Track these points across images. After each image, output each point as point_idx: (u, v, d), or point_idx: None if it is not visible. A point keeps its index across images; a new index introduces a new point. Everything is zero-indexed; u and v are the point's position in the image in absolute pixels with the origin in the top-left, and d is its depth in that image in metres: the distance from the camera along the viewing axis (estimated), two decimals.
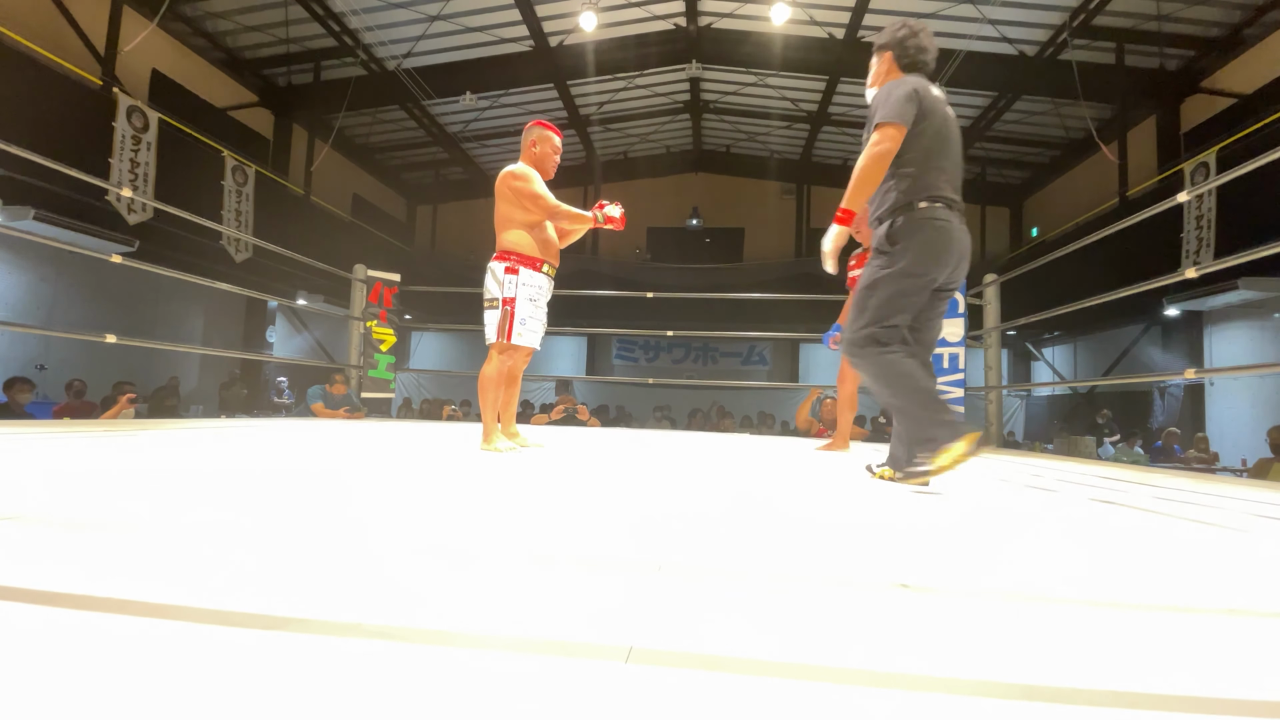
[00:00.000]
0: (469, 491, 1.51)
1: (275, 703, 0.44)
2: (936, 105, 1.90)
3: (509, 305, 2.69)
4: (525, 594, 0.70)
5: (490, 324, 2.72)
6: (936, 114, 1.89)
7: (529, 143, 2.86)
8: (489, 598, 0.68)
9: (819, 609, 0.69)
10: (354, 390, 5.46)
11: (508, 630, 0.59)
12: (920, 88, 1.87)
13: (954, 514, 1.44)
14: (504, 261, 2.72)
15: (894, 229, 1.86)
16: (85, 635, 0.53)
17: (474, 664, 0.51)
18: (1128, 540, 1.20)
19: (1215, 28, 8.18)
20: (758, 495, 1.63)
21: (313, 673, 0.48)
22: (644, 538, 1.03)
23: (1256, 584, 0.91)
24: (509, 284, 2.70)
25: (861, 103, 7.32)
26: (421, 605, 0.64)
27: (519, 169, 2.77)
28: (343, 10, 8.85)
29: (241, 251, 7.98)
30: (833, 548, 1.03)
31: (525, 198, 2.73)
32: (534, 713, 0.44)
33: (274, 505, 1.18)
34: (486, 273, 2.77)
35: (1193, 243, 7.13)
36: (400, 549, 0.88)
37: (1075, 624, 0.67)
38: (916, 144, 1.85)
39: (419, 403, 10.87)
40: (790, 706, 0.46)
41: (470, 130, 12.34)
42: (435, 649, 0.54)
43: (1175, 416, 8.78)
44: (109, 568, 0.73)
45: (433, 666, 0.50)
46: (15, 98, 5.70)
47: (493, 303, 2.72)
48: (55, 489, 1.26)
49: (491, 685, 0.48)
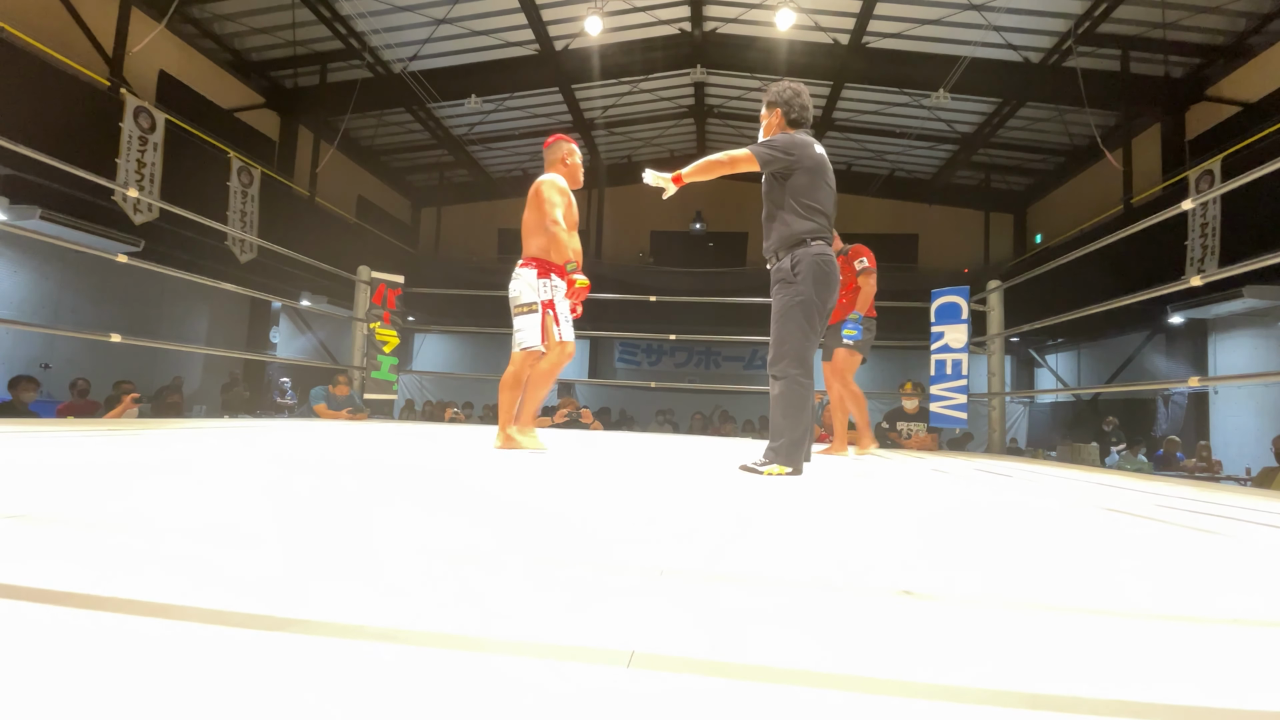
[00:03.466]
0: (482, 492, 1.51)
1: (275, 704, 0.44)
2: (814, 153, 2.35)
3: (549, 308, 2.77)
4: (525, 595, 0.70)
5: (529, 328, 2.75)
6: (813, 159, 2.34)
7: (561, 156, 2.95)
8: (491, 600, 0.68)
9: (822, 615, 0.69)
10: (357, 391, 5.47)
11: (509, 634, 0.58)
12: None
13: (956, 521, 1.43)
14: (534, 267, 2.78)
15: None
16: (89, 634, 0.53)
17: (475, 667, 0.51)
18: (1131, 548, 1.20)
19: (1220, 35, 8.17)
20: (759, 498, 1.63)
21: (314, 675, 0.48)
22: (646, 541, 1.03)
23: (1261, 593, 0.91)
24: (544, 287, 2.77)
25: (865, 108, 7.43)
26: (422, 608, 0.64)
27: (560, 182, 2.87)
28: (349, 13, 8.89)
29: (246, 252, 8.00)
30: (835, 553, 1.03)
31: (547, 205, 2.79)
32: (535, 717, 0.44)
33: (274, 506, 1.18)
34: (513, 279, 2.80)
35: (1197, 250, 7.11)
36: (399, 550, 0.88)
37: (1079, 632, 0.67)
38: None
39: (421, 404, 10.88)
40: (793, 712, 0.46)
41: (475, 133, 12.38)
42: (436, 652, 0.54)
43: (1179, 425, 8.74)
44: (113, 567, 0.73)
45: (433, 669, 0.50)
46: (23, 98, 5.74)
47: (529, 307, 2.75)
48: (60, 488, 1.26)
49: (492, 688, 0.47)
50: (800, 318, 2.24)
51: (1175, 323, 8.59)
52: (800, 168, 2.30)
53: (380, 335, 5.51)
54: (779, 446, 2.20)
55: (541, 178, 2.87)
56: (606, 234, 14.07)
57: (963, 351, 4.75)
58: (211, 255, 7.56)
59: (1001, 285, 4.78)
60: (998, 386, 4.76)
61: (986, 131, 10.94)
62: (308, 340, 11.82)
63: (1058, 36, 8.64)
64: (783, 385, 2.25)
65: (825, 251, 2.29)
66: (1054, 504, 1.83)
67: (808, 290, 2.24)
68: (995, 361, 4.79)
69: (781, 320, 2.28)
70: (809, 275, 2.25)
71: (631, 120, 12.58)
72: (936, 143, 11.83)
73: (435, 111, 11.39)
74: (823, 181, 2.35)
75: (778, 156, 2.29)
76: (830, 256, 2.30)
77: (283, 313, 11.30)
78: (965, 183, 13.35)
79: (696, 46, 9.83)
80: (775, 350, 2.27)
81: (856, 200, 13.78)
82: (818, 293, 2.26)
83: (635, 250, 14.52)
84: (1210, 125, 8.66)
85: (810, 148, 2.34)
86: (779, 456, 2.19)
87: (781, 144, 2.31)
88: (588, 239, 14.21)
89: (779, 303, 2.30)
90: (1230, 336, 8.34)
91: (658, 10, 9.34)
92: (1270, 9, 7.54)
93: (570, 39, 9.71)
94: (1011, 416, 12.66)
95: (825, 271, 2.28)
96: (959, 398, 4.70)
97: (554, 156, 2.97)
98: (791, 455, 2.19)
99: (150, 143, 6.74)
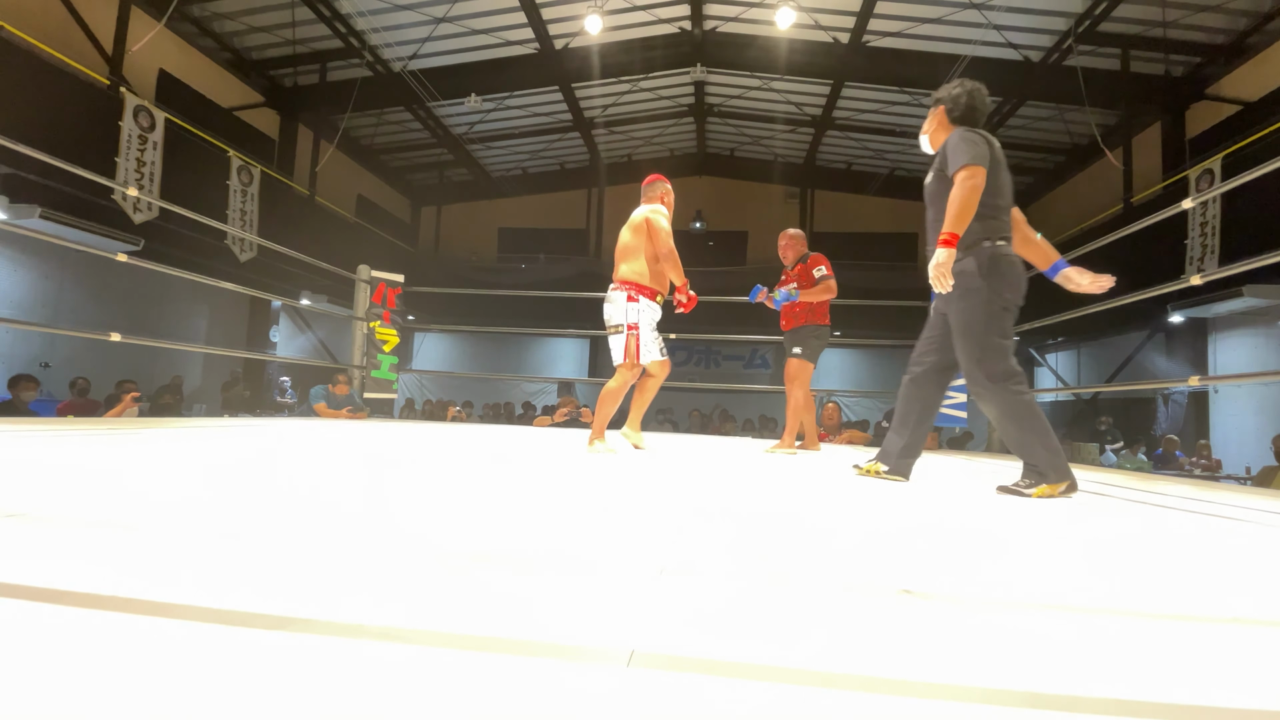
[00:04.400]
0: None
1: (275, 705, 0.44)
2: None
3: (634, 330, 3.03)
4: (526, 597, 0.70)
5: (616, 347, 3.06)
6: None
7: (661, 194, 3.25)
8: (498, 601, 0.68)
9: (821, 614, 0.69)
10: (356, 390, 5.47)
11: (507, 632, 0.58)
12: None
13: (954, 520, 1.43)
14: (624, 290, 3.04)
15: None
16: (89, 633, 0.53)
17: (475, 666, 0.51)
18: (1131, 547, 1.20)
19: (1221, 35, 8.16)
20: (758, 498, 1.63)
21: (314, 673, 0.48)
22: (646, 540, 1.03)
23: (1261, 592, 0.91)
24: (631, 311, 3.04)
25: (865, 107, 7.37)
26: (420, 607, 0.64)
27: (665, 212, 3.17)
28: (349, 12, 8.88)
29: (246, 251, 8.00)
30: (835, 551, 1.03)
31: (663, 234, 3.06)
32: (535, 716, 0.44)
33: (273, 506, 1.18)
34: (607, 301, 3.11)
35: (1197, 249, 7.11)
36: (400, 550, 0.88)
37: (1079, 631, 0.67)
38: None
39: (421, 403, 10.88)
40: (793, 711, 0.46)
41: (475, 132, 12.37)
42: (436, 650, 0.54)
43: (1179, 424, 8.74)
44: (113, 566, 0.73)
45: (433, 668, 0.50)
46: (23, 96, 5.73)
47: (617, 329, 3.06)
48: (59, 487, 1.26)
49: (492, 687, 0.47)
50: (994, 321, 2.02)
51: (1175, 322, 8.59)
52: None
53: (380, 334, 5.51)
54: (1037, 464, 1.94)
55: (647, 210, 3.11)
56: (606, 233, 14.07)
57: None
58: (211, 254, 7.55)
59: None
60: None
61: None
62: (308, 339, 11.82)
63: (1058, 35, 8.63)
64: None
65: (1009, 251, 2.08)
66: (1054, 503, 1.83)
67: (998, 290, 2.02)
68: None
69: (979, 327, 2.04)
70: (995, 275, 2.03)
71: (631, 119, 12.57)
72: None
73: (435, 110, 11.38)
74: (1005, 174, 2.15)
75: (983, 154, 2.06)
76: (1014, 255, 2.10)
77: (282, 312, 11.29)
78: None
79: (696, 45, 9.81)
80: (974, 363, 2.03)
81: (856, 199, 13.78)
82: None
83: None
84: (1210, 124, 8.65)
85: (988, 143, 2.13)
86: (1044, 477, 1.92)
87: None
88: (587, 238, 14.21)
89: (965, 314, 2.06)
90: (1230, 335, 8.34)
91: (657, 9, 9.33)
92: (1270, 8, 7.52)
93: (570, 38, 9.70)
94: None
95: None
96: (959, 397, 4.70)
97: (655, 193, 3.24)
98: (1056, 466, 1.92)
99: (150, 141, 6.73)
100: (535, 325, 12.16)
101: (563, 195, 14.67)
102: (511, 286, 11.62)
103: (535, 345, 14.56)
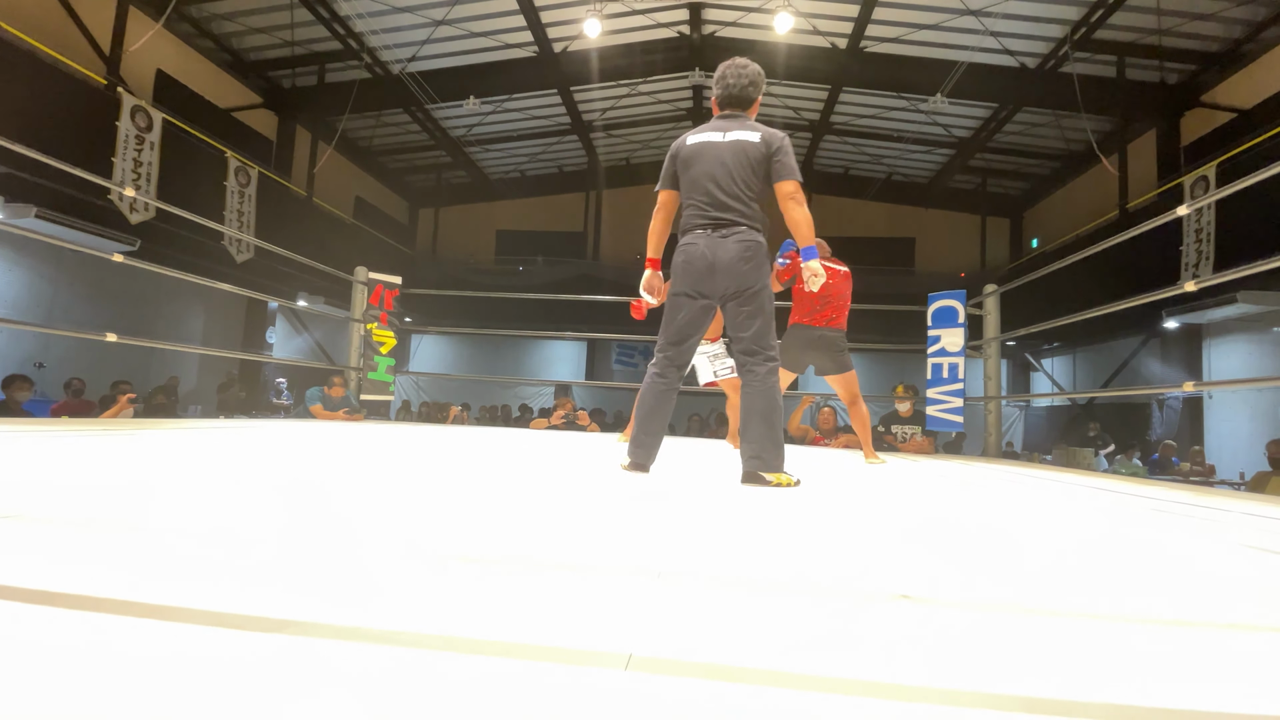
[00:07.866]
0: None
1: (275, 707, 0.43)
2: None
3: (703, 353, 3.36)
4: (525, 598, 0.70)
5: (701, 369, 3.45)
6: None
7: None
8: (492, 602, 0.68)
9: (820, 618, 0.69)
10: (353, 392, 5.46)
11: (508, 636, 0.58)
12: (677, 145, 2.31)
13: (952, 525, 1.43)
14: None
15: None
16: (84, 635, 0.53)
17: (473, 669, 0.51)
18: (1126, 552, 1.20)
19: (1215, 42, 8.23)
20: (757, 499, 1.63)
21: (312, 676, 0.48)
22: (645, 544, 1.03)
23: (1257, 597, 0.91)
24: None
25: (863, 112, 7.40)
26: (419, 610, 0.64)
27: None
28: (348, 13, 8.89)
29: (243, 252, 7.98)
30: (833, 556, 1.03)
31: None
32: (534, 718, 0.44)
33: (271, 508, 1.17)
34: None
35: (1192, 256, 7.15)
36: (397, 553, 0.88)
37: (1075, 636, 0.67)
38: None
39: (418, 405, 10.85)
40: (790, 716, 0.46)
41: (473, 135, 12.38)
42: (434, 653, 0.53)
43: (1174, 429, 8.78)
44: (108, 567, 0.72)
45: (431, 672, 0.50)
46: (20, 96, 5.72)
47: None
48: (54, 488, 1.25)
49: (491, 689, 0.47)
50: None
51: (1170, 328, 8.63)
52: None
53: (377, 336, 5.50)
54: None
55: None
56: (604, 235, 14.09)
57: (959, 355, 4.76)
58: (208, 255, 7.53)
59: (998, 289, 4.79)
60: (994, 390, 4.78)
61: (983, 136, 10.98)
62: (304, 341, 11.79)
63: (1054, 42, 8.69)
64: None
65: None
66: (1051, 509, 1.84)
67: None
68: (991, 365, 4.80)
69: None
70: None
71: (630, 123, 12.60)
72: (933, 147, 11.88)
73: (433, 113, 11.39)
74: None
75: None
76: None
77: (279, 313, 11.26)
78: (962, 187, 13.40)
79: (695, 50, 9.85)
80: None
81: (854, 204, 13.82)
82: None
83: (633, 252, 14.51)
84: (1205, 131, 8.72)
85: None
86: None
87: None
88: (585, 241, 14.22)
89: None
90: (1224, 341, 8.38)
91: (656, 13, 9.36)
92: (1264, 17, 7.59)
93: (569, 41, 9.73)
94: (1007, 420, 12.68)
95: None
96: (955, 401, 4.71)
97: None
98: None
99: (147, 142, 6.72)
100: (532, 328, 12.16)
101: (561, 198, 14.69)
102: (509, 289, 11.63)
103: (532, 348, 14.55)
